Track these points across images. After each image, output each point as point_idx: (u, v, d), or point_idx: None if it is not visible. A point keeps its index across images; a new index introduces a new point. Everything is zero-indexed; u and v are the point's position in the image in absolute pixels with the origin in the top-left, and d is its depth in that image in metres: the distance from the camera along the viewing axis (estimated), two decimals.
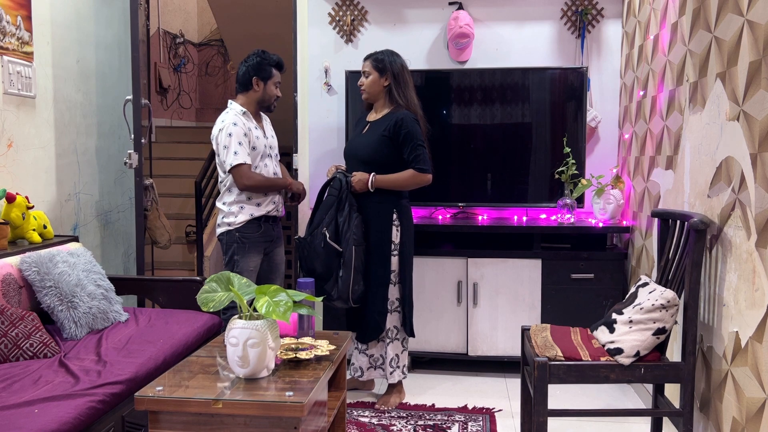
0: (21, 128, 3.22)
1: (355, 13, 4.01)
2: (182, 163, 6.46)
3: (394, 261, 3.13)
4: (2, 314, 2.41)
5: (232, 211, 3.12)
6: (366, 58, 3.19)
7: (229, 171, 3.05)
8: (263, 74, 3.17)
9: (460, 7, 3.86)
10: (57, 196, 3.56)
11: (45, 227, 3.09)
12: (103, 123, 4.04)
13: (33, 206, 3.02)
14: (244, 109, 3.15)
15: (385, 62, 3.13)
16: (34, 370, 2.24)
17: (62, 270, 2.70)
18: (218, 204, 3.20)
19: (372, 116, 3.19)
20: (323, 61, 4.02)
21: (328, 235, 3.03)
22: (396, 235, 3.12)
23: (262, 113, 3.29)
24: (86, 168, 3.86)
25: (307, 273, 3.11)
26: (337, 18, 4.01)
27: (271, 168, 3.22)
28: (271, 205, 3.20)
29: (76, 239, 3.24)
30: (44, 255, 2.72)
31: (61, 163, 3.59)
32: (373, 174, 3.08)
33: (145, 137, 3.83)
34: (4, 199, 2.87)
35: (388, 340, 3.18)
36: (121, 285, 3.15)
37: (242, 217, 3.11)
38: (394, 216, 3.12)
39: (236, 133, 3.05)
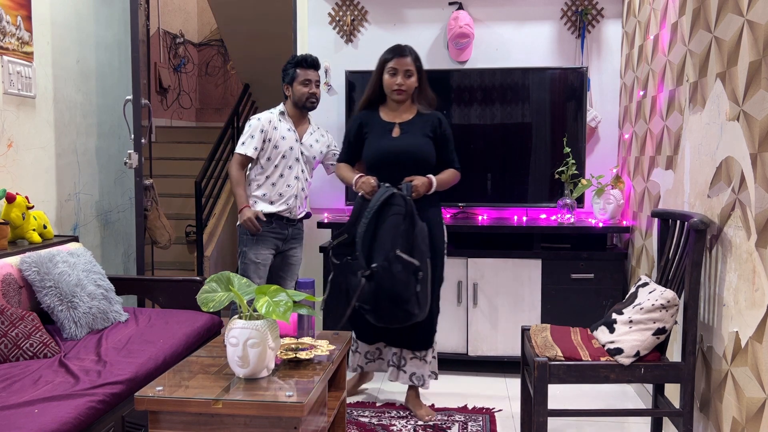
0: (21, 128, 3.22)
1: (355, 13, 4.01)
2: (182, 163, 6.46)
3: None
4: (2, 314, 2.41)
5: (249, 204, 3.29)
6: (402, 54, 2.96)
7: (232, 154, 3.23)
8: (287, 78, 3.33)
9: (460, 7, 3.86)
10: (57, 196, 3.56)
11: (45, 227, 3.09)
12: (103, 123, 4.04)
13: (33, 206, 3.02)
14: (283, 109, 3.34)
15: (419, 60, 3.00)
16: (34, 370, 2.24)
17: (62, 270, 2.70)
18: None
19: (393, 116, 2.99)
20: (323, 61, 4.02)
21: (405, 257, 2.74)
22: (446, 236, 3.08)
23: (309, 120, 3.45)
24: (86, 168, 3.86)
25: (392, 302, 2.76)
26: (337, 18, 4.01)
27: (293, 173, 3.32)
28: (284, 206, 3.29)
29: (76, 239, 3.24)
30: (44, 255, 2.72)
31: (61, 163, 3.59)
32: (432, 176, 2.93)
33: (145, 137, 3.83)
34: (4, 199, 2.87)
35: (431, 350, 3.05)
36: (121, 285, 3.15)
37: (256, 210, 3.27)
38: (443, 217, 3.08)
39: (253, 126, 3.27)
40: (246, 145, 3.24)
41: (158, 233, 3.95)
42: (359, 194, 2.94)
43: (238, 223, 3.36)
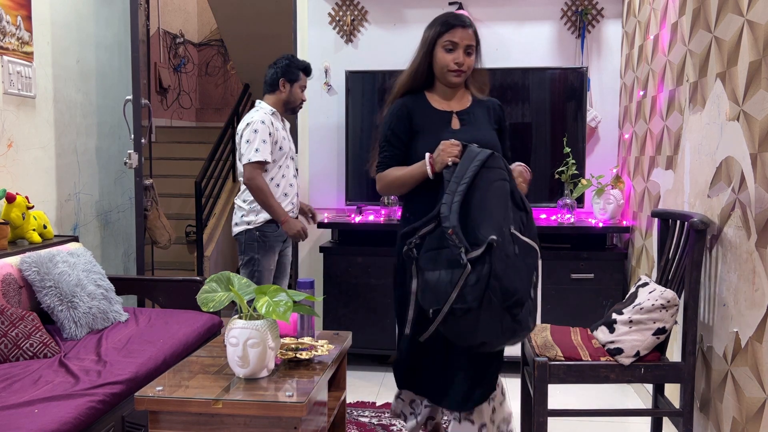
0: (21, 128, 3.22)
1: (355, 13, 4.01)
2: (182, 163, 6.47)
3: None
4: (2, 314, 2.41)
5: (254, 209, 3.13)
6: (464, 25, 2.22)
7: (245, 165, 3.06)
8: (290, 76, 3.23)
9: (460, 7, 3.86)
10: (57, 196, 3.56)
11: (45, 227, 3.09)
12: (103, 123, 4.04)
13: (33, 206, 3.02)
14: (274, 109, 3.22)
15: (478, 33, 2.28)
16: (34, 370, 2.24)
17: (62, 270, 2.70)
18: (237, 201, 3.20)
19: (447, 104, 2.29)
20: (323, 61, 4.02)
21: (524, 238, 2.06)
22: None
23: (283, 116, 3.34)
24: (86, 168, 3.86)
25: (503, 299, 1.94)
26: (337, 18, 4.01)
27: (291, 171, 3.26)
28: (289, 206, 3.22)
29: (76, 239, 3.24)
30: (44, 255, 2.72)
31: (61, 163, 3.59)
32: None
33: (145, 137, 3.83)
34: (4, 199, 2.87)
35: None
36: (121, 285, 3.15)
37: (263, 216, 3.13)
38: None
39: (262, 131, 3.09)
40: (262, 151, 3.06)
41: (158, 233, 3.95)
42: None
43: (292, 238, 3.29)
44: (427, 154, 2.17)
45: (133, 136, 3.70)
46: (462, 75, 2.24)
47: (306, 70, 3.28)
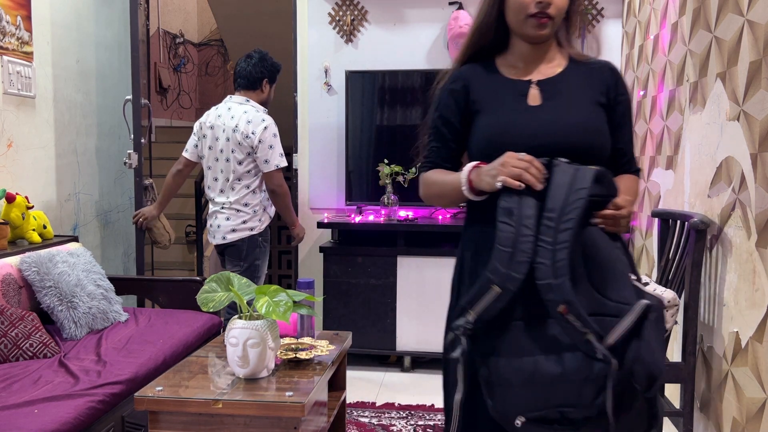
0: (21, 128, 3.22)
1: (355, 13, 4.00)
2: None
3: None
4: (2, 314, 2.41)
5: (257, 214, 3.12)
6: None
7: (270, 171, 3.05)
8: (272, 78, 3.22)
9: (460, 7, 3.86)
10: (57, 196, 3.56)
11: (45, 227, 3.09)
12: (103, 123, 4.04)
13: (33, 206, 3.02)
14: (266, 109, 3.21)
15: None
16: (33, 370, 2.24)
17: (62, 270, 2.70)
18: (236, 205, 3.09)
19: (525, 70, 1.56)
20: (323, 61, 4.02)
21: (648, 289, 1.36)
22: None
23: None
24: (86, 168, 3.86)
25: (648, 385, 1.28)
26: (337, 18, 4.01)
27: None
28: (273, 209, 3.24)
29: (75, 239, 3.24)
30: (44, 255, 2.72)
31: (61, 163, 3.59)
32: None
33: (145, 137, 3.83)
34: (4, 199, 2.87)
35: None
36: (121, 285, 3.15)
37: (266, 220, 3.16)
38: None
39: (278, 135, 3.09)
40: (284, 157, 3.10)
41: (158, 233, 3.94)
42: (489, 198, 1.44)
43: (295, 243, 3.30)
44: (468, 166, 1.47)
45: (132, 136, 3.70)
46: (549, 23, 1.49)
47: (279, 71, 3.28)
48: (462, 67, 1.62)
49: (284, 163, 3.08)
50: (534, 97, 1.52)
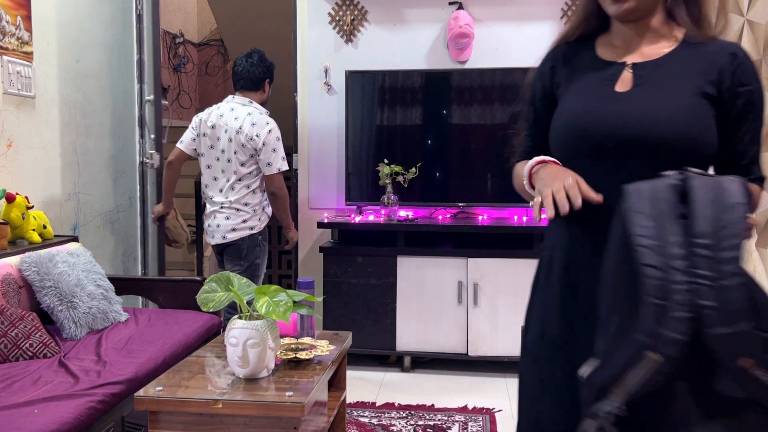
0: (21, 128, 3.22)
1: (355, 13, 4.01)
2: None
3: None
4: (2, 314, 2.41)
5: (257, 213, 3.14)
6: None
7: (272, 174, 3.07)
8: (272, 77, 3.27)
9: (460, 7, 3.86)
10: (57, 196, 3.56)
11: (45, 227, 3.09)
12: (103, 123, 4.03)
13: (33, 206, 3.02)
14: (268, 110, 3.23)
15: None
16: (33, 370, 2.24)
17: (62, 270, 2.70)
18: (236, 205, 3.12)
19: (624, 51, 1.35)
20: (323, 61, 4.02)
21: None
22: None
23: None
24: (86, 168, 3.86)
25: None
26: (337, 18, 4.01)
27: None
28: (270, 209, 3.25)
29: (75, 239, 3.24)
30: (44, 255, 2.72)
31: (61, 163, 3.59)
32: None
33: (165, 137, 3.88)
34: (4, 199, 2.87)
35: None
36: (121, 285, 3.15)
37: (264, 219, 3.18)
38: None
39: (281, 138, 3.12)
40: (285, 159, 3.12)
41: (176, 233, 3.99)
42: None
43: (288, 246, 3.33)
44: (533, 161, 1.32)
45: (153, 136, 3.72)
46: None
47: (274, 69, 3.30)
48: (557, 46, 1.45)
49: (286, 167, 3.10)
50: (625, 81, 1.31)
